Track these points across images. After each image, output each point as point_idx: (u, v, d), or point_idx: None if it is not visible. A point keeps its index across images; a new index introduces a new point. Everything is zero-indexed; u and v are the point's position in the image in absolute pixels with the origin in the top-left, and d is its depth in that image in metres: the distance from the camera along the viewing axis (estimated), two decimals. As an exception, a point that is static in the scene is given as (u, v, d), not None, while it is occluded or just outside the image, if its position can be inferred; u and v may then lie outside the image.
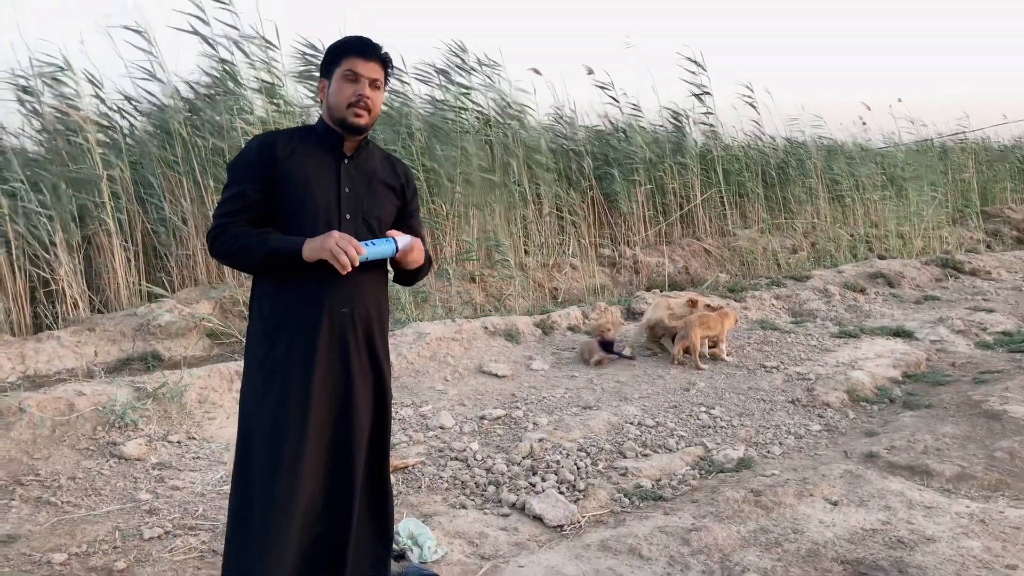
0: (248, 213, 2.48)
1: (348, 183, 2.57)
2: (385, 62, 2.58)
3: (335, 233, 2.38)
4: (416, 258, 2.61)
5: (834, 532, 3.49)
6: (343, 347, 2.55)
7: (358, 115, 2.51)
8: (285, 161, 2.48)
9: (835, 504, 3.75)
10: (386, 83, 2.62)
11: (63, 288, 6.67)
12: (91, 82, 7.52)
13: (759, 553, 3.33)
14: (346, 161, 2.59)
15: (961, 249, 13.09)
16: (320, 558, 2.58)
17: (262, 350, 2.53)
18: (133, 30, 7.54)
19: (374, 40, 2.57)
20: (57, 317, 6.66)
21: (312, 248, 2.38)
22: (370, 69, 2.52)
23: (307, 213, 2.49)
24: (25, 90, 7.39)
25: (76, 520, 3.70)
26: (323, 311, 2.50)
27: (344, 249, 2.34)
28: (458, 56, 9.71)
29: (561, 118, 11.20)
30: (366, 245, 2.43)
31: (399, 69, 9.40)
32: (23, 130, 7.50)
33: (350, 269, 2.37)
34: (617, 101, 11.36)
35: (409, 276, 2.76)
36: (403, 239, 2.54)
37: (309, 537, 2.54)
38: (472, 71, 9.77)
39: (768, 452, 4.65)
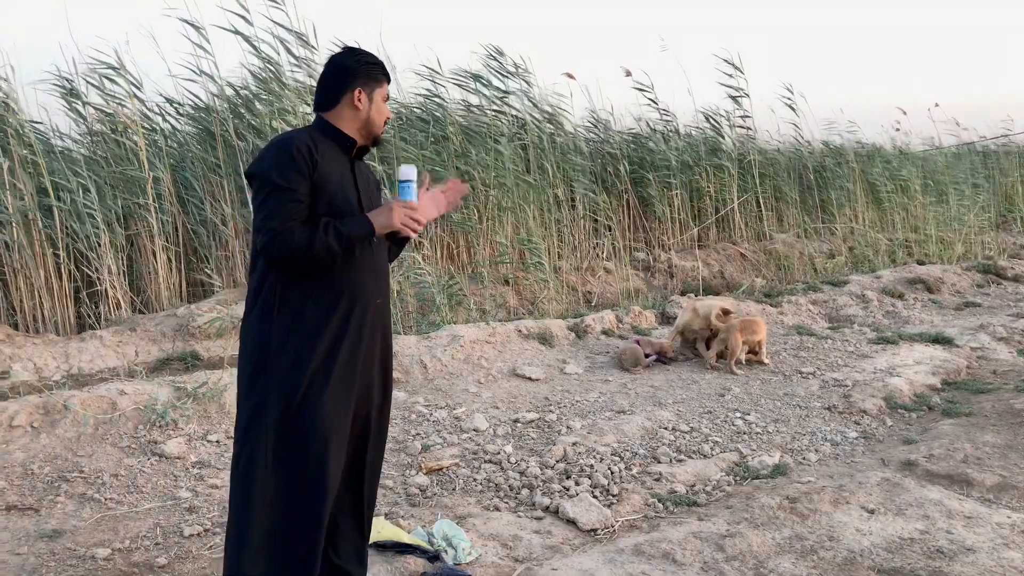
0: (303, 214, 2.50)
1: (361, 184, 2.73)
2: None
3: (396, 204, 2.58)
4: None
5: (871, 541, 3.46)
6: (372, 336, 2.68)
7: (384, 132, 2.78)
8: (321, 164, 2.55)
9: (872, 512, 3.72)
10: None
11: (106, 289, 6.81)
12: (133, 84, 7.66)
13: (794, 560, 3.31)
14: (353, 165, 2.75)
15: (1004, 255, 12.84)
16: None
17: (303, 349, 2.52)
18: (191, 24, 7.66)
19: None
20: (100, 317, 6.80)
21: (381, 224, 2.56)
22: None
23: (344, 212, 2.58)
24: (72, 92, 7.56)
25: (119, 516, 3.78)
26: (367, 304, 2.62)
27: (413, 218, 2.60)
28: (496, 60, 9.75)
29: (597, 123, 11.20)
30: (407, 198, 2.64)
31: (435, 71, 9.47)
32: (71, 131, 7.70)
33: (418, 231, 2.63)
34: (656, 103, 11.32)
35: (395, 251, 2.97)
36: (411, 170, 2.67)
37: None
38: (509, 75, 9.81)
39: (804, 459, 4.61)
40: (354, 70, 2.68)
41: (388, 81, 2.75)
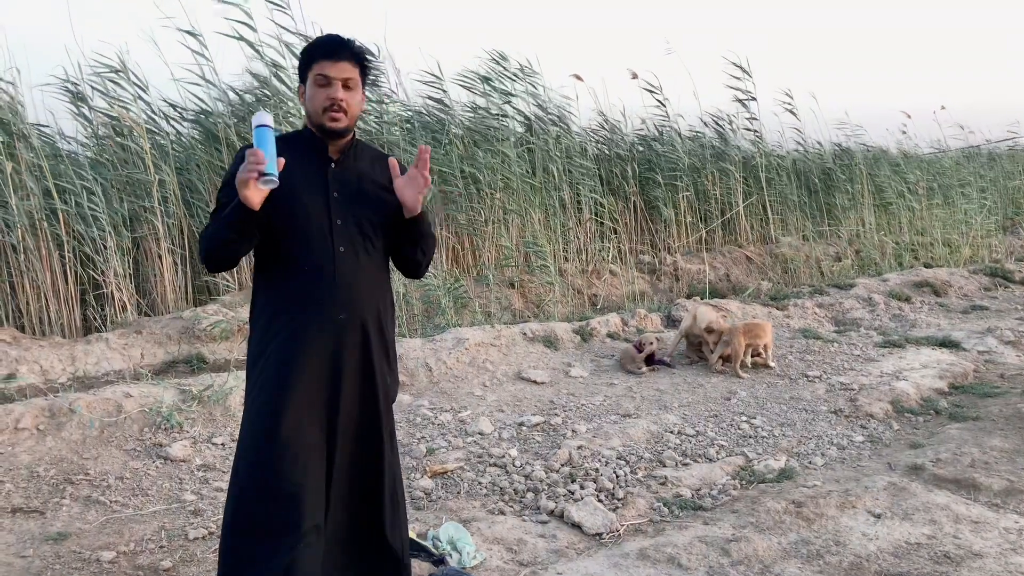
0: None
1: (337, 187, 2.52)
2: (358, 59, 2.51)
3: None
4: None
5: (877, 545, 3.44)
6: (335, 354, 2.49)
7: (334, 119, 2.47)
8: None
9: (878, 517, 3.70)
10: (365, 79, 2.56)
11: (112, 291, 6.83)
12: (138, 86, 7.68)
13: (800, 565, 3.29)
14: (333, 165, 2.55)
15: (1011, 258, 12.80)
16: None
17: (255, 351, 2.53)
18: (189, 33, 7.69)
19: (345, 38, 2.51)
20: (105, 319, 6.81)
21: (241, 195, 2.29)
22: (341, 70, 2.46)
23: (298, 221, 2.45)
24: (77, 96, 7.59)
25: (124, 519, 3.78)
26: (319, 317, 2.46)
27: (251, 162, 2.25)
28: (499, 64, 9.75)
29: (605, 124, 11.19)
30: (262, 148, 2.28)
31: (437, 76, 9.46)
32: (78, 134, 7.73)
33: (274, 181, 2.27)
34: (664, 104, 11.30)
35: (413, 256, 2.68)
36: (265, 115, 2.35)
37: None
38: (515, 78, 9.81)
39: (810, 463, 4.59)
40: (298, 70, 2.56)
41: (323, 57, 2.46)
